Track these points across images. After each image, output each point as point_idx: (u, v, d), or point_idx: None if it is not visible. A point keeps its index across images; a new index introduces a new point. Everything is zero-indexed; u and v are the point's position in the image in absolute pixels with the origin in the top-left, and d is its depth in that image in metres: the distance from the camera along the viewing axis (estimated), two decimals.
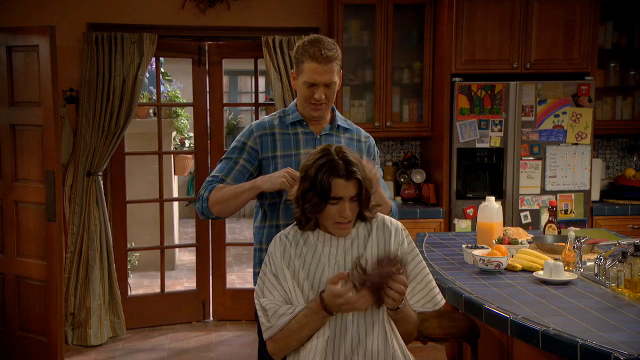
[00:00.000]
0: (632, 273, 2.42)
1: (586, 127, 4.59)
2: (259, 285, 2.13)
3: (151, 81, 6.23)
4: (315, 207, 2.05)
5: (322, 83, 2.42)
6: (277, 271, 2.09)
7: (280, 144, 2.50)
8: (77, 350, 4.60)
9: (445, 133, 4.58)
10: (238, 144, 2.53)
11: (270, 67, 4.76)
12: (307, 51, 2.41)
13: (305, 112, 2.51)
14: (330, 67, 2.42)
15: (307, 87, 2.44)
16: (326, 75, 2.42)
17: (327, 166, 2.03)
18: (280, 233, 2.19)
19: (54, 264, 4.01)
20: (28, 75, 4.05)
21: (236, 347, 4.67)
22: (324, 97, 2.44)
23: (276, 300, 2.07)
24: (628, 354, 1.83)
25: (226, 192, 2.43)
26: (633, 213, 4.73)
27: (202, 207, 2.47)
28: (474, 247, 3.06)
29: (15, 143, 4.17)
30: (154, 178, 5.46)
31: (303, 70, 2.44)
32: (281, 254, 2.11)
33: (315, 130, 2.54)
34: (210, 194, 2.45)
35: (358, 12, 4.82)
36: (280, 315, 2.04)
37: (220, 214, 2.48)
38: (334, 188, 2.03)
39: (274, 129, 2.52)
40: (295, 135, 2.52)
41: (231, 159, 2.51)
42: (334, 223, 2.07)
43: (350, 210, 2.05)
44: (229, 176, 2.48)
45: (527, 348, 2.59)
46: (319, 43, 2.42)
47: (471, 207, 4.55)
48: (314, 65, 2.40)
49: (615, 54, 5.00)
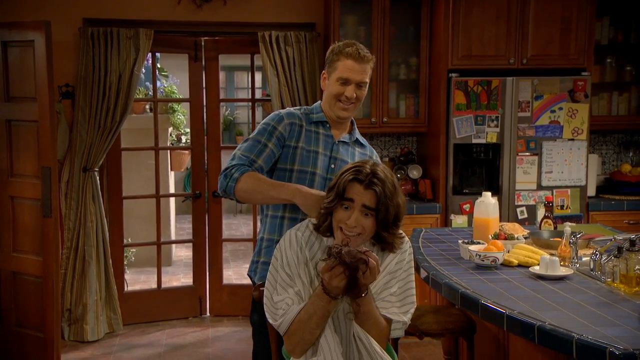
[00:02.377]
0: (627, 268, 2.43)
1: (582, 122, 4.59)
2: (270, 282, 2.13)
3: (147, 77, 6.23)
4: (330, 203, 2.07)
5: (355, 81, 2.48)
6: (292, 270, 2.10)
7: (303, 137, 2.53)
8: (73, 346, 4.60)
9: (442, 129, 4.59)
10: (268, 127, 2.53)
11: (267, 63, 4.75)
12: (344, 50, 2.48)
13: (333, 111, 2.54)
14: (365, 67, 2.50)
15: (340, 84, 2.49)
16: (360, 74, 2.49)
17: (353, 169, 2.07)
18: (295, 230, 2.19)
19: (50, 260, 4.00)
20: (24, 71, 4.04)
21: (233, 343, 4.67)
22: (354, 95, 2.49)
23: (290, 296, 2.08)
24: (623, 349, 1.83)
25: (259, 186, 2.40)
26: (629, 208, 4.74)
27: (227, 186, 2.42)
28: (470, 242, 3.06)
29: (11, 138, 4.16)
30: (151, 174, 5.46)
31: (337, 68, 2.49)
32: (297, 254, 2.11)
33: (335, 134, 2.58)
34: (241, 176, 2.41)
35: (354, 8, 4.81)
36: (291, 311, 2.05)
37: (242, 200, 2.48)
38: (349, 190, 2.04)
39: (302, 121, 2.56)
40: (316, 133, 2.56)
41: (261, 141, 2.50)
42: (338, 229, 2.07)
43: (356, 220, 2.03)
44: (260, 158, 2.47)
45: (523, 343, 2.59)
46: (356, 45, 2.50)
47: (467, 203, 4.56)
48: (351, 63, 2.47)
49: (612, 50, 5.01)
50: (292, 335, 2.07)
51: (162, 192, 5.59)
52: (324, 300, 2.00)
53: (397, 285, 2.14)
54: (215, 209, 5.24)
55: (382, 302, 2.11)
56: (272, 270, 2.15)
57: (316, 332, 2.05)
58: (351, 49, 2.47)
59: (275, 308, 2.09)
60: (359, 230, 2.05)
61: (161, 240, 5.28)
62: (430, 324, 2.95)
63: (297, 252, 2.11)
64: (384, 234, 2.09)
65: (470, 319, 3.00)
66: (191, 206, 5.33)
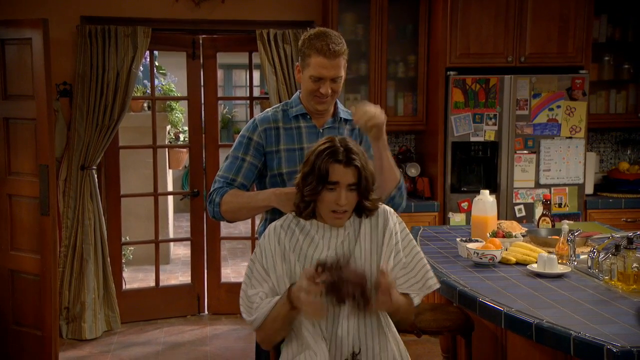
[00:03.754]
0: (625, 266, 2.43)
1: (580, 120, 4.60)
2: (247, 275, 2.13)
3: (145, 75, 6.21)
4: (313, 190, 2.05)
5: (328, 78, 2.42)
6: (268, 266, 2.09)
7: (283, 138, 2.50)
8: (71, 344, 4.60)
9: (440, 127, 4.59)
10: (243, 139, 2.52)
11: (265, 61, 4.74)
12: (314, 45, 2.39)
13: (310, 105, 2.50)
14: (337, 61, 2.42)
15: (313, 81, 2.43)
16: (333, 70, 2.41)
17: (327, 151, 2.05)
18: (274, 223, 2.18)
19: (48, 258, 4.00)
20: (21, 69, 4.03)
21: (231, 341, 4.67)
22: (330, 91, 2.44)
23: (264, 290, 2.07)
24: (621, 346, 1.84)
25: (239, 202, 2.44)
26: (627, 206, 4.75)
27: (213, 212, 2.49)
28: (468, 240, 3.06)
29: (9, 136, 4.15)
30: (149, 172, 5.45)
31: (309, 64, 2.42)
32: (274, 247, 2.10)
33: (317, 123, 2.55)
34: (222, 199, 2.45)
35: (353, 5, 4.81)
36: (262, 307, 2.05)
37: (232, 220, 2.53)
38: (332, 173, 2.04)
39: (278, 122, 2.52)
40: (298, 129, 2.52)
41: (238, 157, 2.50)
42: (330, 212, 2.07)
43: (346, 199, 2.05)
44: (239, 175, 2.48)
45: (520, 340, 2.60)
46: (326, 37, 2.40)
47: (465, 201, 4.56)
48: (321, 60, 2.39)
49: (610, 48, 5.01)
50: (260, 330, 2.09)
51: (160, 190, 5.58)
52: (286, 307, 2.00)
53: (403, 254, 2.15)
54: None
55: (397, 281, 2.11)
56: (250, 264, 2.14)
57: (282, 334, 2.08)
58: (321, 44, 2.37)
59: (250, 302, 2.09)
60: (348, 207, 2.08)
61: (159, 239, 5.28)
62: (428, 322, 2.95)
63: (274, 244, 2.10)
64: (367, 203, 2.11)
65: (468, 317, 3.00)
66: (189, 204, 5.32)
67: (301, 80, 2.50)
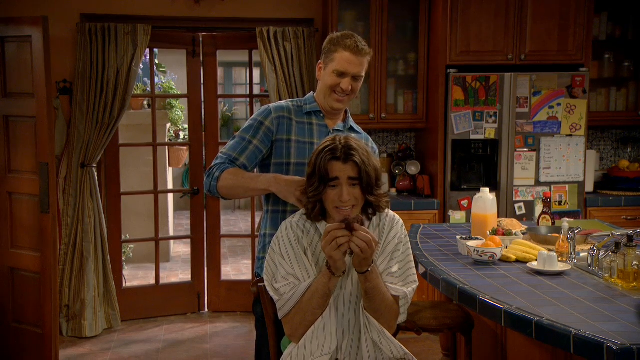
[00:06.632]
0: (625, 264, 2.43)
1: (580, 118, 4.59)
2: (269, 270, 2.16)
3: (145, 72, 6.21)
4: (316, 190, 2.10)
5: (351, 73, 2.48)
6: (290, 256, 2.13)
7: (295, 130, 2.54)
8: (72, 342, 4.60)
9: (440, 124, 4.58)
10: (255, 122, 2.54)
11: (265, 59, 4.74)
12: (342, 42, 2.48)
13: (327, 102, 2.55)
14: (363, 60, 2.50)
15: (336, 76, 2.49)
16: (357, 67, 2.49)
17: (326, 149, 2.10)
18: (289, 220, 2.22)
19: (48, 256, 4.00)
20: (21, 66, 4.03)
21: (231, 339, 4.67)
22: (350, 88, 2.49)
23: (292, 281, 2.11)
24: (621, 344, 1.84)
25: (238, 181, 2.45)
26: (627, 204, 4.75)
27: (210, 185, 2.49)
28: (468, 238, 3.06)
29: (9, 134, 4.15)
30: (149, 170, 5.46)
31: (334, 59, 2.49)
32: (294, 241, 2.14)
33: (329, 123, 2.59)
34: (221, 174, 2.46)
35: (353, 3, 4.81)
36: (295, 292, 2.09)
37: (227, 197, 2.53)
38: (331, 170, 2.09)
39: (291, 114, 2.56)
40: (309, 124, 2.56)
41: (245, 138, 2.52)
42: (334, 208, 2.11)
43: (348, 194, 2.08)
44: (243, 156, 2.50)
45: (520, 338, 2.60)
46: (355, 37, 2.50)
47: (465, 199, 4.56)
48: (348, 55, 2.47)
49: (610, 45, 5.00)
50: (293, 317, 2.10)
51: (160, 188, 5.59)
52: (326, 277, 2.04)
53: (397, 267, 2.18)
54: (213, 205, 5.23)
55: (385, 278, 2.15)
56: (269, 261, 2.17)
57: (318, 313, 2.09)
58: (350, 41, 2.47)
59: (280, 294, 2.12)
60: (354, 202, 2.12)
61: (159, 236, 5.27)
62: (428, 320, 2.96)
63: (295, 242, 2.15)
64: (370, 198, 2.15)
65: (468, 315, 3.00)
66: (189, 202, 5.32)
67: (321, 77, 2.56)
